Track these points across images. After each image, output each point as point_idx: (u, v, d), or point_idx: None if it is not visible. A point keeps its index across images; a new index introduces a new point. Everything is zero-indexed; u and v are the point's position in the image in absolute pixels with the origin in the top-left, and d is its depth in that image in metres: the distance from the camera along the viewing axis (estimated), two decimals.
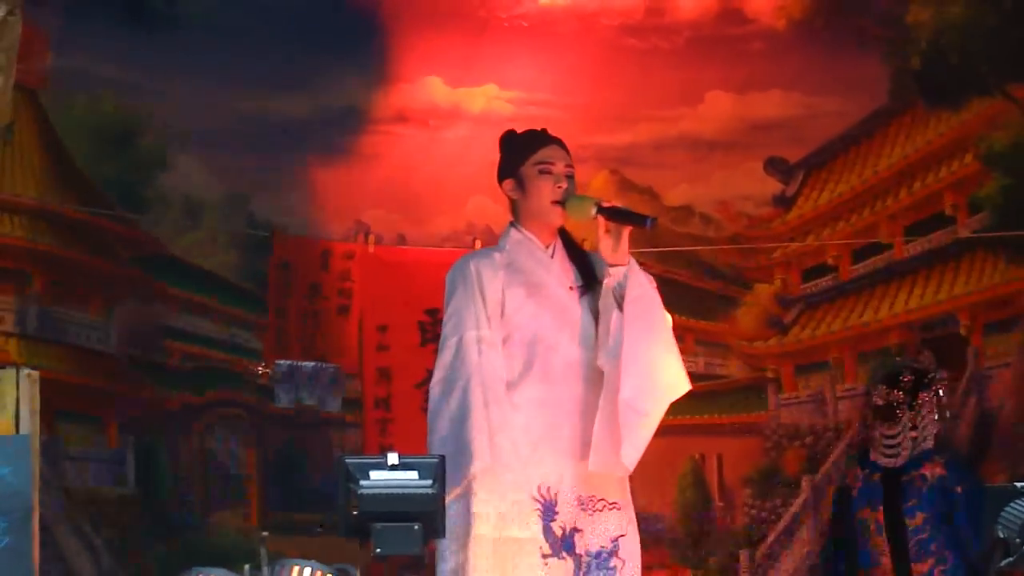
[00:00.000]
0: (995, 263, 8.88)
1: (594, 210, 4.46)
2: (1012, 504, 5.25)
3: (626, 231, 4.46)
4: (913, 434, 6.11)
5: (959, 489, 6.05)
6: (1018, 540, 5.15)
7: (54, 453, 8.19)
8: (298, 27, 9.21)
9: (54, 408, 8.14)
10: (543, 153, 4.62)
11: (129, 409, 8.83)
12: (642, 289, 4.50)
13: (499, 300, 4.57)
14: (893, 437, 6.14)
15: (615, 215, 4.46)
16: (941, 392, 6.20)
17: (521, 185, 4.62)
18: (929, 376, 6.19)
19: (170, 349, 9.04)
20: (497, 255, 4.64)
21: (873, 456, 6.19)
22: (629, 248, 4.49)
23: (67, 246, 8.74)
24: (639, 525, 4.61)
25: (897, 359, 6.41)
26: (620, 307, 4.44)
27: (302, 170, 9.39)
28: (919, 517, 6.06)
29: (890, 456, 6.14)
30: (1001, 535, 5.19)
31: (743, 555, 9.15)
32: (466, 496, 4.43)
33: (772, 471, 9.17)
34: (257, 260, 9.21)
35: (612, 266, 4.49)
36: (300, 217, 9.37)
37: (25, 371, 4.97)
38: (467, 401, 4.45)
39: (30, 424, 4.92)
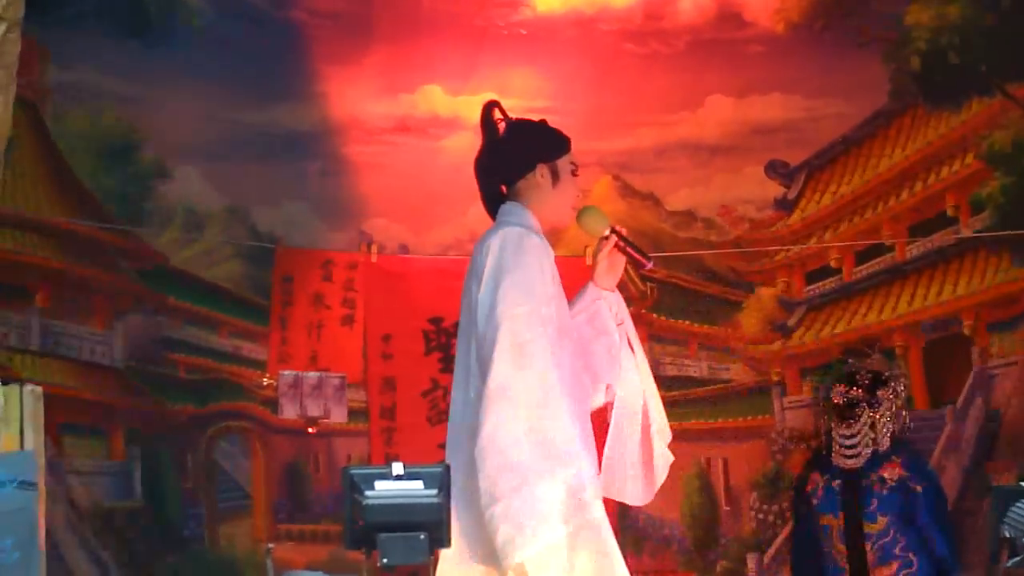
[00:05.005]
0: (998, 262, 8.87)
1: (608, 229, 4.38)
2: (1018, 504, 5.25)
3: (623, 261, 4.37)
4: (872, 434, 6.09)
5: (919, 488, 6.04)
6: None
7: (60, 467, 8.19)
8: (297, 38, 9.22)
9: (59, 422, 8.15)
10: (572, 156, 4.45)
11: (134, 422, 8.82)
12: (627, 314, 4.46)
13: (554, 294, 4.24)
14: (852, 437, 6.13)
15: (626, 242, 4.35)
16: (902, 388, 6.17)
17: (555, 176, 4.38)
18: (886, 375, 6.17)
19: (174, 361, 9.04)
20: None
21: (834, 459, 6.17)
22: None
23: (69, 260, 8.74)
24: (647, 531, 4.57)
25: (850, 360, 6.36)
26: (611, 332, 4.38)
27: (303, 180, 9.40)
28: (881, 521, 6.04)
29: (850, 457, 6.12)
30: (1007, 535, 5.18)
31: (751, 559, 9.14)
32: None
33: (778, 474, 9.17)
34: (259, 271, 9.21)
35: (603, 290, 4.37)
36: (302, 227, 9.37)
37: (29, 387, 4.97)
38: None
39: (34, 439, 4.92)
